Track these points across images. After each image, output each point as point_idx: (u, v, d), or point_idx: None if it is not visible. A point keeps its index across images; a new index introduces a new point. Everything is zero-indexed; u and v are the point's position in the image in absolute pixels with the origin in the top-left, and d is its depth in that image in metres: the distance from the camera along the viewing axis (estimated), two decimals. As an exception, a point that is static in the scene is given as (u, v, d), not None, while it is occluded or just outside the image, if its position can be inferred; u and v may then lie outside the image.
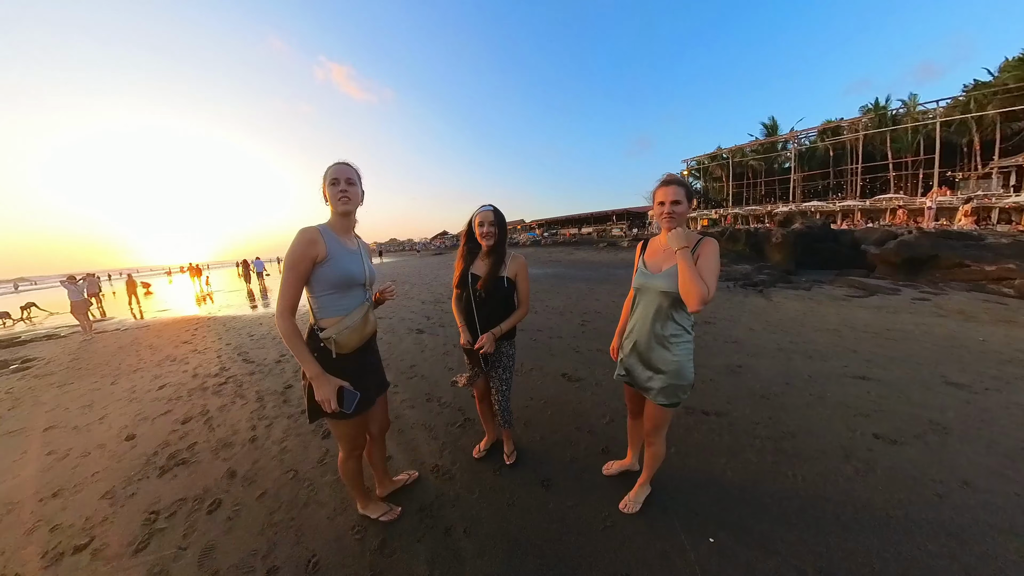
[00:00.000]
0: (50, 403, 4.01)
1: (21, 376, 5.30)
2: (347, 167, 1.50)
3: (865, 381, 3.09)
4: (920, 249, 8.42)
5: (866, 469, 2.01)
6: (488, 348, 1.81)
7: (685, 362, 1.53)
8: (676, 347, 1.53)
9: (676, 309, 1.52)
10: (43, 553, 1.83)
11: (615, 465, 2.08)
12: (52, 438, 3.13)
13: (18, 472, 2.64)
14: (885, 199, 25.39)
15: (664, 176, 1.56)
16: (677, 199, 1.47)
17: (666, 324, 1.54)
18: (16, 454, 2.93)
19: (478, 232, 1.85)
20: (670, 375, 1.53)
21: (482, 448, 2.31)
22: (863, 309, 5.68)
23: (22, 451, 2.97)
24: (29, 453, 2.92)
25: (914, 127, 27.86)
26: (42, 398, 4.22)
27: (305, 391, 1.48)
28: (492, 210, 1.85)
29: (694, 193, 1.55)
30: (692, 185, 1.74)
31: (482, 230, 1.83)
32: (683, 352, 1.53)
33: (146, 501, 2.14)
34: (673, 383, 1.54)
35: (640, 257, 1.71)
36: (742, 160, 38.72)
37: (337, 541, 1.73)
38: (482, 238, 1.84)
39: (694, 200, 1.52)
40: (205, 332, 7.03)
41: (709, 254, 1.44)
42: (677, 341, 1.53)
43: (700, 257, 1.45)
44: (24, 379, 5.14)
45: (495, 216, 1.84)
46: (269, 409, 3.23)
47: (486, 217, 1.83)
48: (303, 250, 1.37)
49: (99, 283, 12.38)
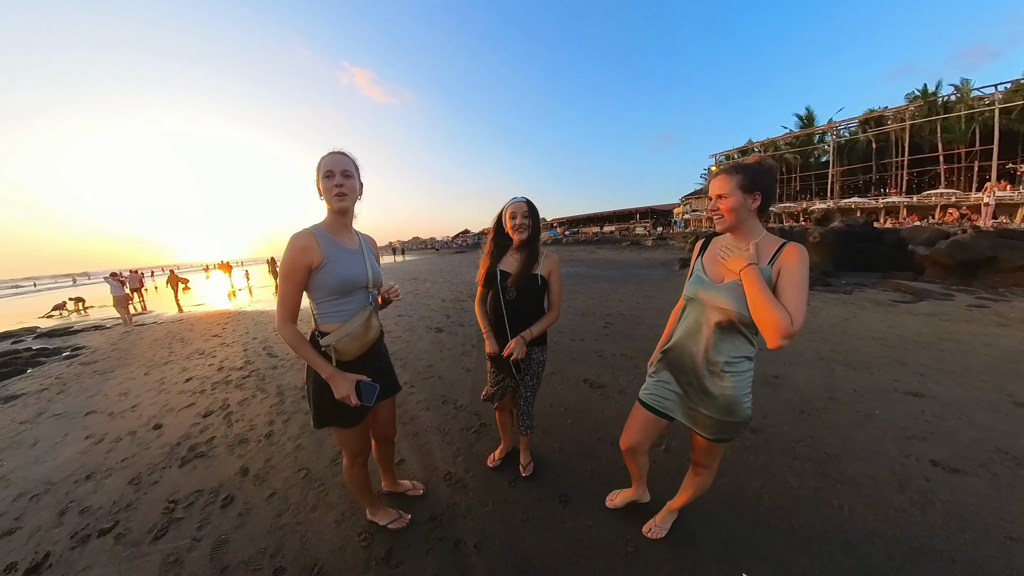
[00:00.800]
0: (92, 389, 4.24)
1: (70, 363, 5.66)
2: (342, 157, 1.35)
3: (919, 398, 2.79)
4: (977, 250, 7.69)
5: (923, 502, 1.78)
6: (519, 354, 1.65)
7: (741, 396, 1.22)
8: (732, 377, 1.21)
9: (739, 332, 1.20)
10: (72, 533, 1.92)
11: (619, 496, 1.82)
12: (91, 423, 3.30)
13: (59, 453, 2.79)
14: (935, 194, 23.55)
15: (712, 167, 1.33)
16: (723, 192, 1.18)
17: (722, 349, 1.21)
18: (59, 436, 3.11)
19: (509, 225, 1.71)
20: (719, 409, 1.24)
21: (497, 457, 2.20)
22: (912, 316, 5.22)
23: (64, 433, 3.15)
24: (70, 436, 3.09)
25: (968, 115, 25.54)
26: (86, 384, 4.47)
27: (309, 397, 1.42)
28: (525, 201, 1.71)
29: (762, 180, 1.16)
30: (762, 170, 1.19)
31: (514, 222, 1.69)
32: (740, 383, 1.21)
33: (167, 490, 2.21)
34: (722, 419, 1.24)
35: (698, 258, 1.37)
36: (775, 153, 36.87)
37: (342, 549, 1.68)
38: (514, 231, 1.70)
39: (757, 192, 1.16)
40: (235, 326, 7.29)
41: (794, 268, 1.09)
42: (733, 370, 1.21)
43: (782, 273, 1.11)
44: (72, 366, 5.48)
45: (528, 208, 1.70)
46: (288, 404, 3.27)
47: (519, 208, 1.70)
48: (295, 259, 1.27)
49: (141, 279, 13.20)
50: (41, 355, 6.37)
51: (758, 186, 1.16)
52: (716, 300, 1.20)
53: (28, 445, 2.99)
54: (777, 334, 1.02)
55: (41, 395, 4.26)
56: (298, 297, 1.32)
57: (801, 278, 1.07)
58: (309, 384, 1.42)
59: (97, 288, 24.64)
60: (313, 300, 1.38)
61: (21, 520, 2.06)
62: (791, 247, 1.12)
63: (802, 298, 1.05)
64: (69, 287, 32.51)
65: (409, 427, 2.72)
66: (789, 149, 35.86)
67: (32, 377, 5.11)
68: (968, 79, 26.05)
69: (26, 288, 43.41)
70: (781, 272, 1.11)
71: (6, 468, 2.66)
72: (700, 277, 1.31)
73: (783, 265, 1.11)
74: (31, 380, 4.96)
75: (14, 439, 3.15)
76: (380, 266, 1.61)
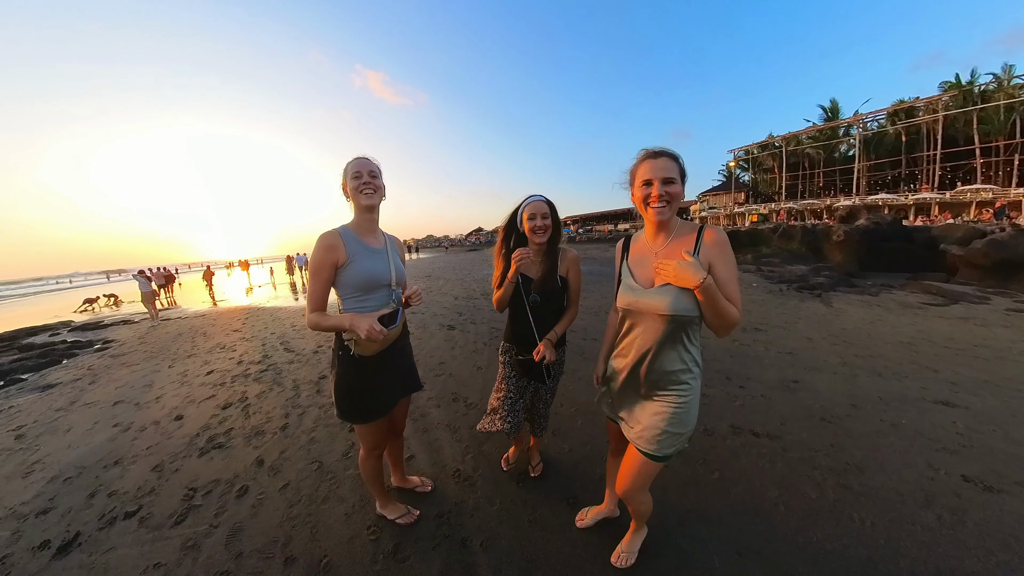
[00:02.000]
0: (120, 380, 4.44)
1: (100, 355, 5.94)
2: (368, 160, 1.46)
3: (950, 408, 2.65)
4: (1017, 250, 7.26)
5: (953, 520, 1.68)
6: (551, 357, 1.59)
7: (690, 405, 1.17)
8: (680, 386, 1.16)
9: (684, 337, 1.14)
10: (101, 515, 2.02)
11: (589, 513, 1.72)
12: (119, 412, 3.45)
13: (90, 440, 2.94)
14: (971, 190, 22.27)
15: (646, 149, 1.16)
16: (670, 175, 1.08)
17: (669, 357, 1.15)
18: (90, 423, 3.27)
19: (527, 226, 1.59)
20: (668, 419, 1.16)
21: (511, 460, 2.16)
22: (943, 320, 4.97)
23: (95, 421, 3.31)
24: (100, 423, 3.24)
25: (1008, 104, 23.93)
26: (114, 375, 4.68)
27: (335, 390, 1.48)
28: (545, 201, 1.60)
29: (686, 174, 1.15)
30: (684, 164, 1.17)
31: (533, 223, 1.57)
32: (689, 392, 1.16)
33: (187, 478, 2.29)
34: (669, 430, 1.16)
35: (623, 262, 1.28)
36: (797, 148, 35.53)
37: (351, 542, 1.71)
38: (533, 233, 1.59)
39: (685, 179, 1.14)
40: (254, 321, 7.50)
41: (727, 259, 1.08)
42: (682, 378, 1.16)
43: (715, 266, 1.07)
44: (103, 358, 5.74)
45: (549, 208, 1.60)
46: (303, 398, 3.34)
47: (538, 208, 1.58)
48: (323, 256, 1.36)
49: (164, 275, 13.81)
50: (75, 347, 6.71)
51: (684, 174, 1.14)
52: (655, 306, 1.12)
53: (63, 431, 3.15)
54: (730, 328, 1.06)
55: (75, 384, 4.49)
56: (325, 292, 1.40)
57: (734, 268, 1.09)
58: (335, 378, 1.48)
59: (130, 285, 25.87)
60: (339, 296, 1.45)
61: (55, 501, 2.18)
62: (711, 234, 1.11)
63: (739, 288, 1.08)
64: (103, 284, 34.29)
65: (419, 423, 2.74)
66: (812, 143, 34.51)
67: (67, 368, 5.39)
68: (1011, 65, 24.44)
69: (63, 284, 45.79)
70: (713, 265, 1.08)
71: (43, 452, 2.81)
72: (630, 284, 1.21)
73: (712, 257, 1.08)
74: (66, 371, 5.23)
75: (50, 425, 3.32)
76: (405, 265, 1.66)
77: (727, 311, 1.04)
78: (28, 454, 2.80)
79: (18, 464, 2.66)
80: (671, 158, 1.12)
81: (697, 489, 1.89)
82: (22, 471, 2.56)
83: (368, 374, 1.46)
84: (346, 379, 1.45)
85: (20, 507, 2.14)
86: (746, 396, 2.91)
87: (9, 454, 2.83)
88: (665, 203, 1.11)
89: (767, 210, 32.46)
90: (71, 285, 42.92)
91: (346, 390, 1.46)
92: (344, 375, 1.45)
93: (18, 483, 2.41)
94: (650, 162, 1.13)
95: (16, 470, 2.58)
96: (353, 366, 1.44)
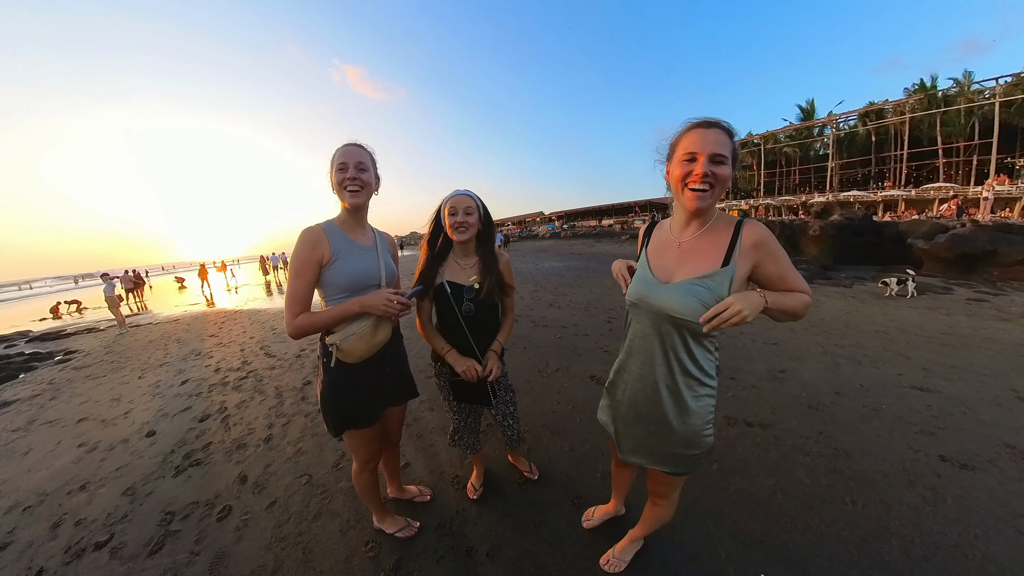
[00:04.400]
0: (84, 395, 4.18)
1: (62, 368, 5.58)
2: (357, 148, 1.28)
3: (924, 393, 2.80)
4: (976, 244, 7.78)
5: (935, 498, 1.79)
6: (499, 371, 1.48)
7: (703, 423, 1.04)
8: (694, 401, 1.02)
9: (697, 343, 1.00)
10: (67, 547, 1.87)
11: (596, 512, 1.68)
12: (83, 430, 3.24)
13: (52, 462, 2.74)
14: (934, 188, 23.68)
15: (697, 118, 0.95)
16: (721, 152, 0.90)
17: (681, 366, 1.00)
18: (52, 444, 3.05)
19: (448, 223, 1.42)
20: (679, 441, 1.05)
21: (477, 486, 1.93)
22: (912, 309, 5.27)
23: (57, 441, 3.09)
24: (63, 444, 3.03)
25: (968, 108, 25.65)
26: (78, 390, 4.40)
27: (323, 407, 1.38)
28: (468, 195, 1.43)
29: (739, 159, 0.97)
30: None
31: (453, 220, 1.40)
32: (702, 408, 1.03)
33: (162, 501, 2.15)
34: (681, 453, 1.06)
35: (642, 250, 1.14)
36: (775, 147, 36.91)
37: (348, 561, 1.63)
38: (453, 231, 1.41)
39: (737, 168, 0.97)
40: (231, 326, 7.21)
41: (777, 253, 0.96)
42: (696, 393, 1.02)
43: (766, 262, 0.95)
44: (64, 371, 5.40)
45: (475, 202, 1.43)
46: (287, 406, 3.23)
47: (460, 203, 1.40)
48: (306, 254, 1.22)
49: (132, 279, 13.11)
50: (34, 359, 6.28)
51: (737, 157, 0.95)
52: (668, 305, 0.97)
53: (21, 454, 2.94)
54: (806, 314, 0.96)
55: (33, 401, 4.20)
56: (309, 293, 1.26)
57: (785, 258, 0.97)
58: (321, 392, 1.37)
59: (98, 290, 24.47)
60: (323, 297, 1.33)
61: (14, 534, 2.00)
62: (751, 234, 0.96)
63: (795, 271, 0.98)
64: (70, 288, 32.24)
65: (413, 428, 2.69)
66: (789, 142, 35.89)
67: (24, 383, 5.04)
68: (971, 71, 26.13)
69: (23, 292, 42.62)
70: (761, 265, 0.96)
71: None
72: (645, 276, 1.05)
73: (758, 259, 0.95)
74: (24, 386, 4.89)
75: (7, 447, 3.09)
76: (398, 264, 1.54)
77: (795, 307, 0.94)
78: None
79: (-31, 494, 2.46)
80: (726, 132, 0.92)
81: (699, 482, 1.92)
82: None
83: (352, 382, 1.34)
84: (330, 389, 1.33)
85: (-27, 543, 1.97)
86: (737, 387, 2.99)
87: (-41, 482, 2.63)
88: (708, 186, 0.92)
89: (747, 206, 33.57)
90: (32, 292, 40.07)
91: (329, 400, 1.33)
92: (327, 384, 1.33)
93: (-30, 515, 2.23)
94: (700, 131, 0.92)
95: (-32, 500, 2.39)
96: (337, 375, 1.31)
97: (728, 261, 0.95)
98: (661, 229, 1.15)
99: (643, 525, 1.41)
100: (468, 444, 1.78)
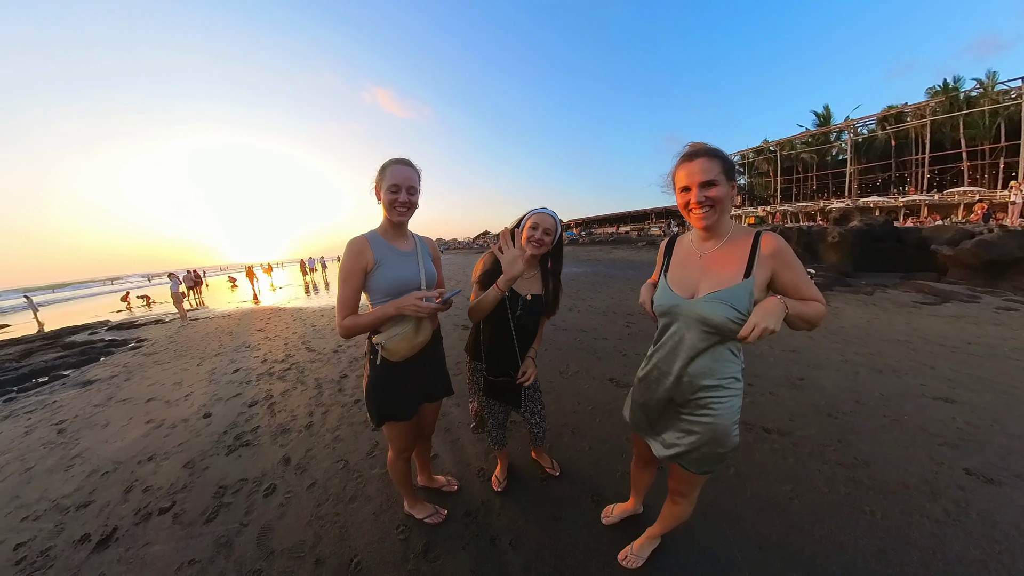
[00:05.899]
0: (152, 378, 4.47)
1: (134, 354, 6.00)
2: (410, 170, 1.33)
3: (948, 404, 2.62)
4: (1004, 250, 7.16)
5: (958, 511, 1.67)
6: (534, 375, 1.52)
7: (729, 423, 1.04)
8: (720, 402, 1.03)
9: (724, 348, 1.02)
10: (136, 510, 2.01)
11: (615, 510, 1.68)
12: (151, 409, 3.47)
13: (125, 435, 2.96)
14: (959, 192, 22.05)
15: (686, 147, 1.01)
16: (710, 179, 0.95)
17: (709, 370, 1.02)
18: (125, 419, 3.29)
19: (525, 235, 1.45)
20: (705, 440, 1.05)
21: (501, 478, 1.95)
22: (936, 318, 4.92)
23: (129, 417, 3.34)
24: (134, 419, 3.26)
25: (992, 110, 23.71)
26: (147, 373, 4.72)
27: (367, 399, 1.44)
28: (553, 216, 1.47)
29: (734, 168, 1.02)
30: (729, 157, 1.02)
31: (532, 234, 1.44)
32: (728, 409, 1.03)
33: (216, 475, 2.27)
34: (708, 451, 1.06)
35: (663, 268, 1.17)
36: (791, 153, 35.30)
37: (380, 541, 1.68)
38: (527, 243, 1.45)
39: (734, 182, 1.00)
40: (276, 321, 7.54)
41: (793, 264, 0.97)
42: (722, 395, 1.03)
43: (782, 273, 0.96)
44: (136, 356, 5.80)
45: (555, 223, 1.47)
46: (326, 396, 3.35)
47: (543, 221, 1.45)
48: (352, 263, 1.31)
49: (193, 278, 13.92)
50: (112, 345, 6.79)
51: (731, 171, 0.99)
52: (696, 315, 1.00)
53: (100, 426, 3.19)
54: (821, 323, 0.97)
55: (111, 381, 4.54)
56: (356, 299, 1.34)
57: (801, 269, 0.99)
58: (366, 386, 1.44)
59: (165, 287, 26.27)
60: (370, 301, 1.40)
61: (94, 495, 2.18)
62: (768, 245, 0.97)
63: (810, 281, 0.99)
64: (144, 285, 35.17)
65: (441, 422, 2.73)
66: (805, 148, 34.26)
67: (104, 365, 5.45)
68: (995, 72, 24.21)
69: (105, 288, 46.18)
70: (779, 274, 0.97)
71: (82, 446, 2.84)
72: (667, 291, 1.09)
73: (776, 267, 0.97)
74: (104, 368, 5.29)
75: (89, 419, 3.36)
76: (439, 267, 1.59)
77: (811, 315, 0.94)
78: (69, 448, 2.83)
79: (60, 458, 2.68)
80: (710, 157, 0.97)
81: (716, 485, 1.87)
82: (64, 464, 2.58)
83: (395, 379, 1.41)
84: (374, 384, 1.41)
85: (62, 500, 2.16)
86: (755, 393, 2.89)
87: (52, 448, 2.87)
88: (708, 207, 0.98)
89: (764, 212, 32.25)
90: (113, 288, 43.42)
91: (373, 394, 1.42)
92: (372, 379, 1.41)
93: (60, 476, 2.43)
94: (685, 166, 0.99)
95: (58, 463, 2.61)
96: (382, 371, 1.39)
97: (749, 272, 0.97)
98: (682, 244, 1.18)
99: (661, 523, 1.40)
100: (495, 439, 1.81)
